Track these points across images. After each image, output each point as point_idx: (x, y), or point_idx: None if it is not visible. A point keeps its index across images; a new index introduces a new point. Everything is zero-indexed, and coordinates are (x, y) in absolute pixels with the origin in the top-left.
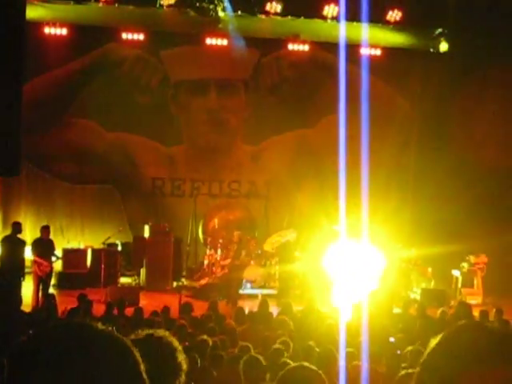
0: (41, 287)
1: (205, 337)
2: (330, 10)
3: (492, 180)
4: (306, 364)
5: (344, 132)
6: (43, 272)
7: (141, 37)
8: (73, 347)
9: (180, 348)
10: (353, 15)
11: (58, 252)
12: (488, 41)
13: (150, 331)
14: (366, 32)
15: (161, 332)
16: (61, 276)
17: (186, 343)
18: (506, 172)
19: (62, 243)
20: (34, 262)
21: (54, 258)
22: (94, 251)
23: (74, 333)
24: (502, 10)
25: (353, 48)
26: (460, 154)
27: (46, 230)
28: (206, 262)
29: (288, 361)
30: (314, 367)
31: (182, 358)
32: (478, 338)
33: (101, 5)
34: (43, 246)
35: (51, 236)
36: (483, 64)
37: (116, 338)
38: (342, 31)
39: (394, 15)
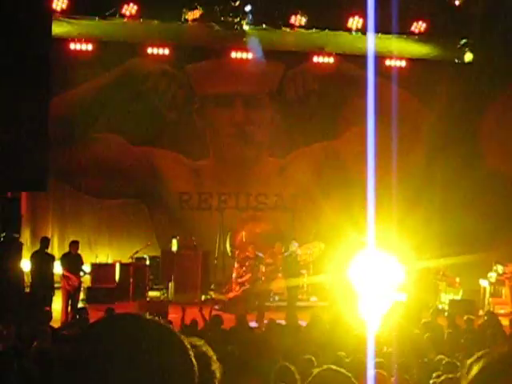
0: (69, 302)
1: (232, 348)
2: (354, 22)
3: None
4: (334, 367)
5: (372, 143)
6: (72, 287)
7: (166, 51)
8: (125, 336)
9: (214, 357)
10: (378, 27)
11: (87, 267)
12: None
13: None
14: (391, 43)
15: (197, 341)
16: (90, 291)
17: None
18: None
19: (90, 258)
20: (63, 276)
21: (82, 273)
22: (123, 266)
23: (125, 323)
24: None
25: (378, 59)
26: (488, 165)
27: (74, 244)
28: (234, 275)
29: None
30: (343, 370)
31: (216, 366)
32: None
33: (125, 20)
34: (72, 261)
35: (79, 251)
36: (510, 73)
37: (167, 327)
38: (370, 43)
39: (419, 26)
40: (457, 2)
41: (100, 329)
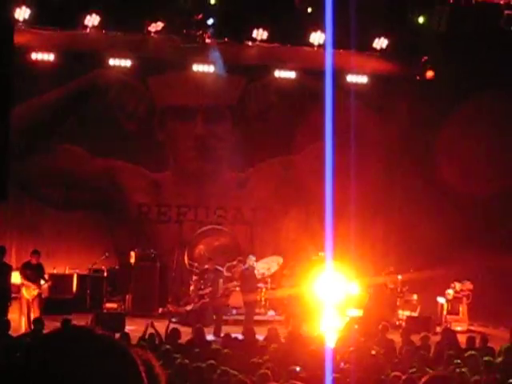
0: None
1: (188, 361)
2: (316, 38)
3: (478, 208)
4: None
5: (330, 158)
6: (31, 295)
7: (128, 63)
8: (74, 351)
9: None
10: (339, 43)
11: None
12: (474, 68)
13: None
14: (352, 59)
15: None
16: (47, 301)
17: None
18: (493, 200)
19: (48, 268)
20: (22, 285)
21: (42, 282)
22: (80, 277)
23: (75, 337)
24: (487, 37)
25: (339, 75)
26: (447, 181)
27: (35, 254)
28: (192, 287)
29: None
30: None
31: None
32: None
33: (88, 31)
34: (32, 270)
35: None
36: (469, 91)
37: (115, 342)
38: (328, 58)
39: (380, 43)
40: (421, 19)
41: (50, 341)
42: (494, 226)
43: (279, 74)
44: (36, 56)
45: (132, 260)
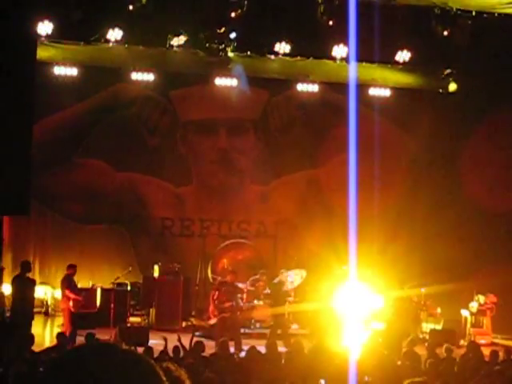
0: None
1: (211, 375)
2: (339, 51)
3: (501, 221)
4: None
5: (354, 172)
6: (76, 307)
7: (150, 77)
8: (98, 366)
9: (188, 382)
10: (362, 56)
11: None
12: (497, 81)
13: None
14: (375, 72)
15: (170, 366)
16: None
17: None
18: None
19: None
20: (68, 299)
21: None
22: (104, 291)
23: (100, 352)
24: (510, 50)
25: (362, 88)
26: (470, 195)
27: (73, 267)
28: (212, 301)
29: None
30: None
31: None
32: None
33: (110, 45)
34: (74, 283)
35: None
36: (493, 104)
37: (143, 359)
38: (352, 71)
39: (403, 56)
40: (445, 33)
41: (75, 356)
42: None
43: (302, 87)
44: (59, 70)
45: (155, 274)
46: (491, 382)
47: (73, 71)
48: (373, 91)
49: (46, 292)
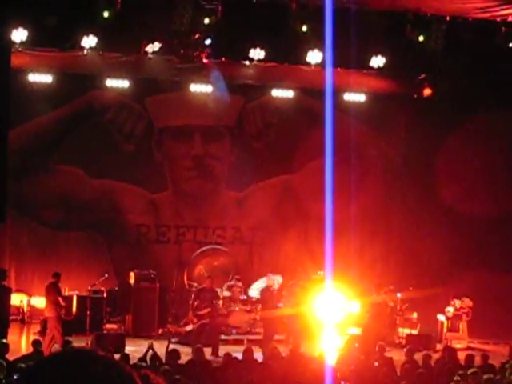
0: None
1: (189, 382)
2: (313, 57)
3: (477, 226)
4: None
5: (330, 177)
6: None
7: (125, 84)
8: (76, 373)
9: None
10: (337, 61)
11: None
12: (472, 86)
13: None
14: (350, 78)
15: (148, 373)
16: (46, 323)
17: None
18: (491, 218)
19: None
20: (55, 304)
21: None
22: (80, 298)
23: (78, 359)
24: (486, 56)
25: (337, 94)
26: (445, 200)
27: (58, 275)
28: (191, 307)
29: None
30: None
31: None
32: None
33: (85, 52)
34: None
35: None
36: (467, 110)
37: (121, 365)
38: (328, 77)
39: (378, 61)
40: (420, 38)
41: (52, 363)
42: (493, 244)
43: (277, 93)
44: (33, 77)
45: (131, 281)
46: None
47: (47, 78)
48: (348, 96)
49: (21, 299)
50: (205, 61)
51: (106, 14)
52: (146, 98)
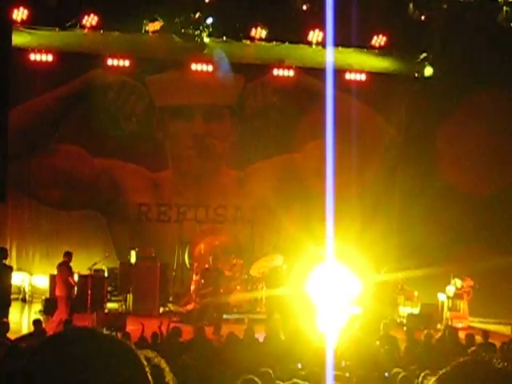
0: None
1: (187, 359)
2: (314, 36)
3: (477, 205)
4: (299, 381)
5: (331, 156)
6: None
7: (126, 63)
8: (78, 352)
9: (167, 369)
10: (338, 40)
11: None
12: (473, 66)
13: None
14: (351, 57)
15: (149, 353)
16: (47, 302)
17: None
18: (492, 197)
19: (48, 269)
20: (66, 284)
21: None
22: (81, 277)
23: (82, 337)
24: (488, 35)
25: (338, 73)
26: (446, 179)
27: (70, 254)
28: (192, 287)
29: (278, 382)
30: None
31: (169, 378)
32: (482, 376)
33: (86, 31)
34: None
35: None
36: (468, 89)
37: (124, 344)
38: (329, 56)
39: (379, 40)
40: (423, 17)
41: (56, 342)
42: (494, 224)
43: (278, 72)
44: (34, 57)
45: (132, 260)
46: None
47: (48, 57)
48: (349, 76)
49: (23, 279)
50: (206, 40)
51: None
52: (146, 76)
